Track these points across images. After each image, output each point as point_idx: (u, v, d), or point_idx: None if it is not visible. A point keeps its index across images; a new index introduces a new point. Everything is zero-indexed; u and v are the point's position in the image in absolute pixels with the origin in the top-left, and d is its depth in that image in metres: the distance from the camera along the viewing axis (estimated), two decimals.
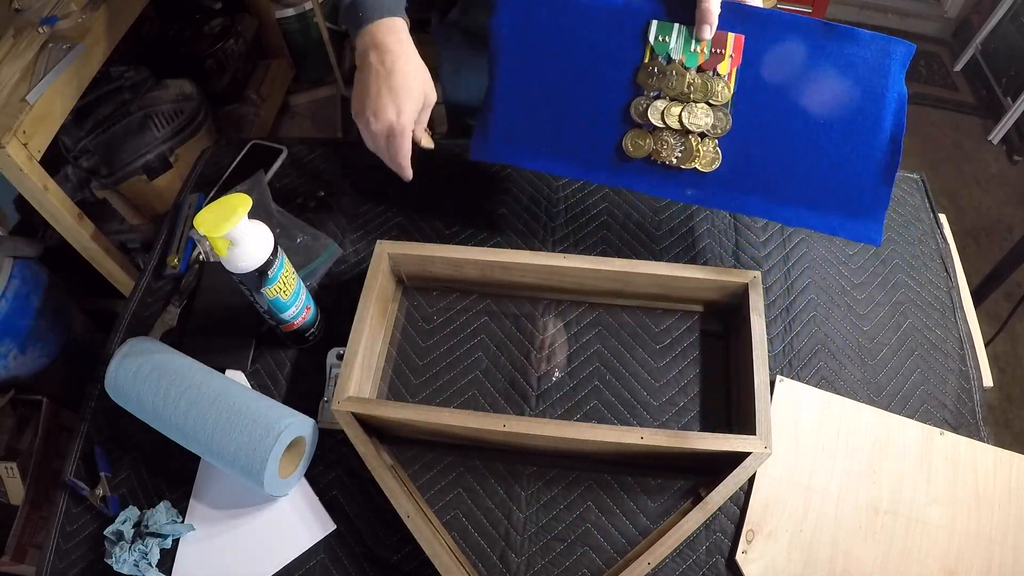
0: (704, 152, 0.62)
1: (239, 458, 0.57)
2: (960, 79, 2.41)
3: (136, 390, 0.62)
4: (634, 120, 0.63)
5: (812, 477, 0.62)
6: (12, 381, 1.22)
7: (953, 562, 0.58)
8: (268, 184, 0.83)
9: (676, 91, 0.62)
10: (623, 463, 0.63)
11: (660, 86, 0.62)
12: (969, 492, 0.61)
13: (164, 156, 1.50)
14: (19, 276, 1.20)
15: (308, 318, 0.68)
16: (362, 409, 0.59)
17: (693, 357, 0.70)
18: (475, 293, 0.74)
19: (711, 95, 0.62)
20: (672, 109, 0.62)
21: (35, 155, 1.11)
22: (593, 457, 0.63)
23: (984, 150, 2.18)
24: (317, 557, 0.59)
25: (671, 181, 0.65)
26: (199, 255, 0.79)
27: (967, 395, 0.68)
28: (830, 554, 0.58)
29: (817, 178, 0.63)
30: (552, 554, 0.59)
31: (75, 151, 1.40)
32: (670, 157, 0.63)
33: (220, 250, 0.57)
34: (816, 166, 0.63)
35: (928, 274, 0.76)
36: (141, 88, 1.47)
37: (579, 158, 0.66)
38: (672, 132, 0.63)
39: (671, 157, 0.63)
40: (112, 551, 0.58)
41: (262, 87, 1.98)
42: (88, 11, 1.23)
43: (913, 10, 2.56)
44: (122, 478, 0.64)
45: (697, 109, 0.62)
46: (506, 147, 0.68)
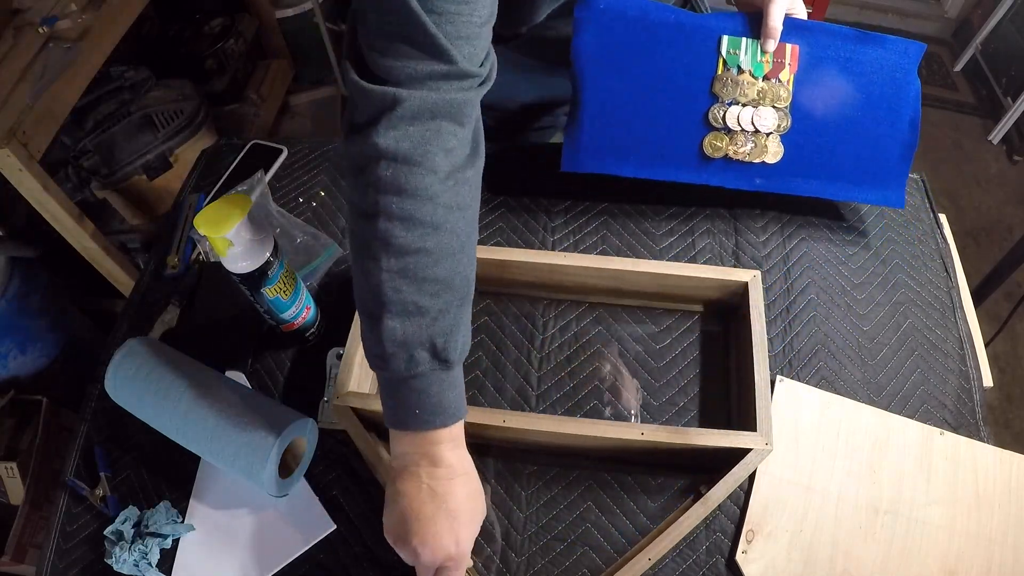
0: (771, 147, 0.72)
1: (239, 458, 0.57)
2: (960, 79, 2.41)
3: (136, 390, 0.61)
4: (712, 125, 0.71)
5: (812, 477, 0.62)
6: (12, 381, 1.22)
7: (953, 562, 0.58)
8: (268, 184, 0.83)
9: (748, 98, 0.70)
10: (623, 461, 0.63)
11: (734, 94, 0.70)
12: (969, 492, 0.61)
13: (164, 156, 1.50)
14: (19, 276, 1.20)
15: (308, 318, 0.68)
16: (362, 404, 0.59)
17: (693, 357, 0.70)
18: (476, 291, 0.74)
19: (776, 100, 0.70)
20: (744, 113, 0.70)
21: (35, 155, 1.11)
22: (594, 455, 0.63)
23: (984, 150, 2.18)
24: (317, 557, 0.59)
25: (744, 174, 0.74)
26: (199, 255, 0.79)
27: (967, 395, 0.68)
28: (830, 554, 0.58)
29: (855, 159, 0.74)
30: (552, 554, 0.59)
31: (75, 151, 1.40)
32: (743, 155, 0.72)
33: (220, 250, 0.57)
34: (855, 149, 0.73)
35: (928, 274, 0.76)
36: (141, 88, 1.47)
37: (664, 161, 0.74)
38: (744, 133, 0.71)
39: (744, 154, 0.72)
40: (112, 551, 0.58)
41: (262, 87, 1.98)
42: (88, 11, 1.23)
43: (913, 10, 2.56)
44: (122, 478, 0.64)
45: (765, 112, 0.70)
46: (596, 157, 0.74)
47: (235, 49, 1.84)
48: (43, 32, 1.18)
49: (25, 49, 1.16)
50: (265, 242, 0.59)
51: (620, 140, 0.73)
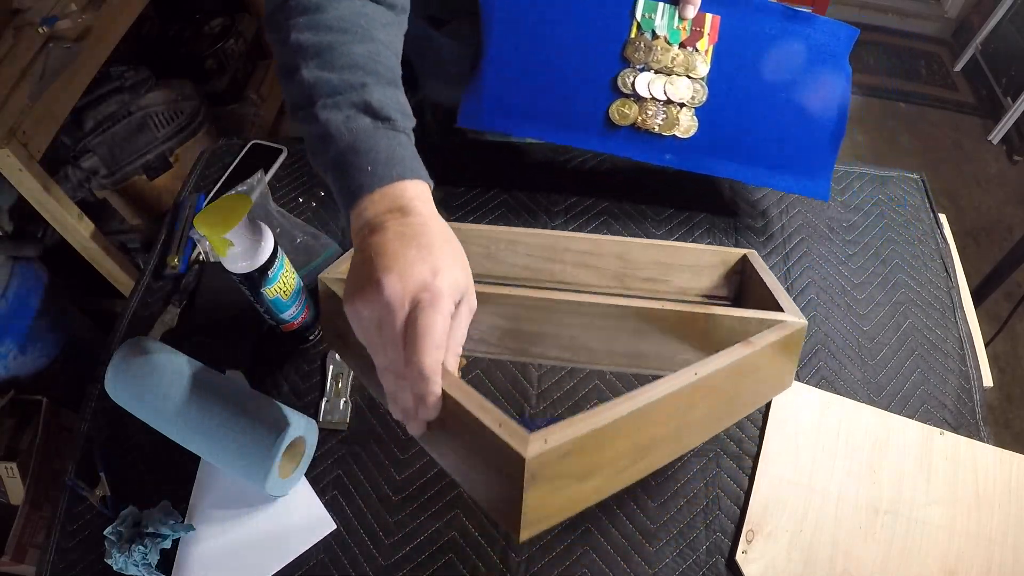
0: (683, 120, 0.68)
1: (239, 458, 0.57)
2: (960, 79, 2.41)
3: (136, 390, 0.61)
4: (621, 91, 0.68)
5: (812, 477, 0.62)
6: (12, 381, 1.22)
7: (953, 562, 0.58)
8: (268, 184, 0.83)
9: (661, 64, 0.67)
10: None
11: (646, 60, 0.67)
12: (969, 492, 0.61)
13: (164, 156, 1.50)
14: (19, 276, 1.20)
15: (308, 318, 0.68)
16: None
17: None
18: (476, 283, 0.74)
19: (691, 69, 0.67)
20: (656, 81, 0.67)
21: (35, 155, 1.11)
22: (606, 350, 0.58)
23: (984, 150, 2.19)
24: (317, 557, 0.59)
25: (653, 147, 0.70)
26: (199, 255, 0.79)
27: (967, 395, 0.68)
28: (830, 554, 0.58)
29: (777, 143, 0.71)
30: (552, 554, 0.59)
31: (75, 151, 1.40)
32: (653, 125, 0.68)
33: (220, 250, 0.57)
34: (777, 132, 0.70)
35: (928, 274, 0.76)
36: (141, 88, 1.47)
37: (568, 126, 0.70)
38: (655, 102, 0.68)
39: (654, 125, 0.68)
40: (112, 551, 0.58)
41: (262, 87, 1.98)
42: (88, 11, 1.23)
43: (913, 10, 2.56)
44: (122, 478, 0.64)
45: (679, 81, 0.67)
46: (497, 115, 0.70)
47: (235, 49, 1.83)
48: (43, 32, 1.18)
49: (25, 49, 1.16)
50: (265, 242, 0.59)
51: (523, 99, 0.69)
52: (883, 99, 2.36)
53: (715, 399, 0.49)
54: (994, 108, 2.25)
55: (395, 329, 0.39)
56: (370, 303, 0.40)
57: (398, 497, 0.62)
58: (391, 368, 0.40)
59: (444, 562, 0.59)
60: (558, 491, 0.38)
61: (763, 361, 0.52)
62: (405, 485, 0.63)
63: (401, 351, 0.39)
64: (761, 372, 0.53)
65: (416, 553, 0.59)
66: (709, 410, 0.49)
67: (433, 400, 0.39)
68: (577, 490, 0.40)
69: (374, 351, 0.41)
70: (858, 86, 2.38)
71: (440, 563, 0.59)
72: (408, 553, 0.59)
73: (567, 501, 0.39)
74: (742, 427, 0.65)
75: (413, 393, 0.39)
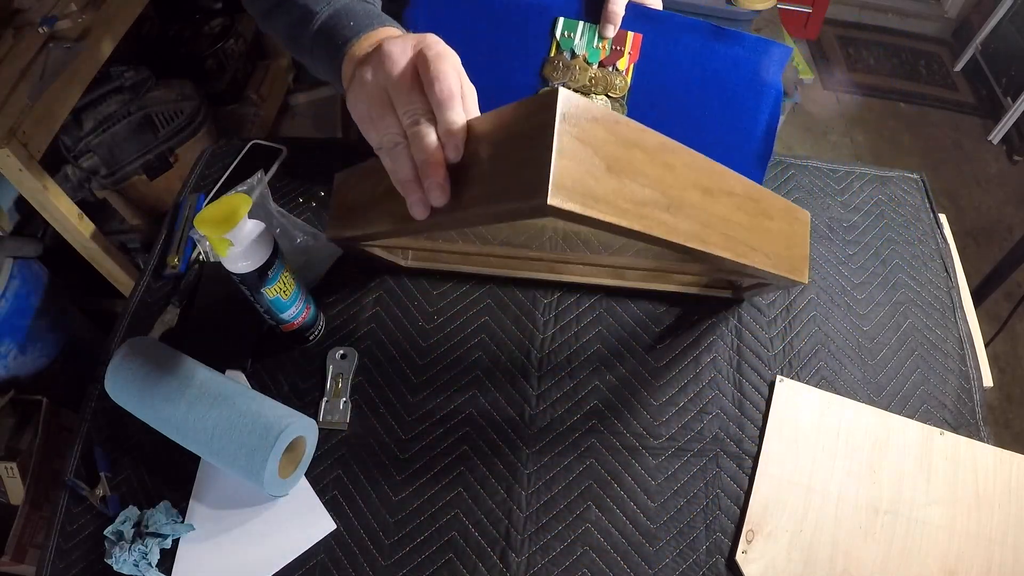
0: None
1: (239, 458, 0.57)
2: (960, 79, 2.42)
3: (136, 390, 0.61)
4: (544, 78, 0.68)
5: (812, 477, 0.62)
6: (12, 381, 1.22)
7: (953, 562, 0.58)
8: (268, 184, 0.83)
9: (579, 84, 0.67)
10: None
11: (564, 79, 0.67)
12: (969, 492, 0.61)
13: (164, 156, 1.50)
14: (19, 276, 1.20)
15: (308, 318, 0.68)
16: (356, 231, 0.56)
17: (693, 357, 0.70)
18: (476, 279, 0.74)
19: (610, 88, 0.67)
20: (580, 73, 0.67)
21: (35, 155, 1.11)
22: None
23: (984, 150, 2.19)
24: (317, 557, 0.59)
25: None
26: (199, 255, 0.79)
27: (967, 395, 0.68)
28: (830, 554, 0.58)
29: None
30: (552, 554, 0.59)
31: (75, 151, 1.40)
32: None
33: (220, 250, 0.57)
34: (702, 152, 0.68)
35: (928, 274, 0.76)
36: (141, 88, 1.47)
37: None
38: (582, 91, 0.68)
39: None
40: (112, 551, 0.58)
41: (262, 87, 1.98)
42: (88, 11, 1.23)
43: (913, 10, 2.57)
44: (122, 478, 0.64)
45: (597, 100, 0.67)
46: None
47: (235, 49, 1.83)
48: (43, 32, 1.17)
49: (25, 49, 1.16)
50: (265, 242, 0.59)
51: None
52: (883, 99, 2.36)
53: (735, 209, 0.49)
54: (994, 108, 2.25)
55: (404, 74, 0.41)
56: (372, 65, 0.41)
57: (398, 497, 0.62)
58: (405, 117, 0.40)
59: (444, 562, 0.59)
60: (587, 170, 0.39)
61: (775, 213, 0.53)
62: (405, 485, 0.63)
63: (414, 92, 0.40)
64: (774, 225, 0.53)
65: (416, 553, 0.59)
66: (729, 217, 0.49)
67: (459, 128, 0.40)
68: (604, 184, 0.40)
69: (381, 118, 0.42)
70: (858, 86, 2.38)
71: (440, 563, 0.59)
72: (408, 553, 0.59)
73: (593, 189, 0.39)
74: (742, 427, 0.65)
75: (439, 131, 0.40)
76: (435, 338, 0.71)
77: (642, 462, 0.63)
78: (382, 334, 0.72)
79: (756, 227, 0.51)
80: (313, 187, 0.85)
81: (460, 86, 0.41)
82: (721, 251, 0.47)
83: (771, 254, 0.52)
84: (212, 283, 0.76)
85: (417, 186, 0.41)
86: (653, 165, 0.43)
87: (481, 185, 0.41)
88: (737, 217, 0.49)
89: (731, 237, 0.49)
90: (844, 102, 2.34)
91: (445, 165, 0.41)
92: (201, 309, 0.74)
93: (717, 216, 0.48)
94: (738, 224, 0.49)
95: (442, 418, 0.66)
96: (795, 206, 0.56)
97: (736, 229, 0.49)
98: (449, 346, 0.71)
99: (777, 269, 0.52)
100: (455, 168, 0.42)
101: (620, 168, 0.41)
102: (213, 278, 0.76)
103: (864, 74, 2.43)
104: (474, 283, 0.75)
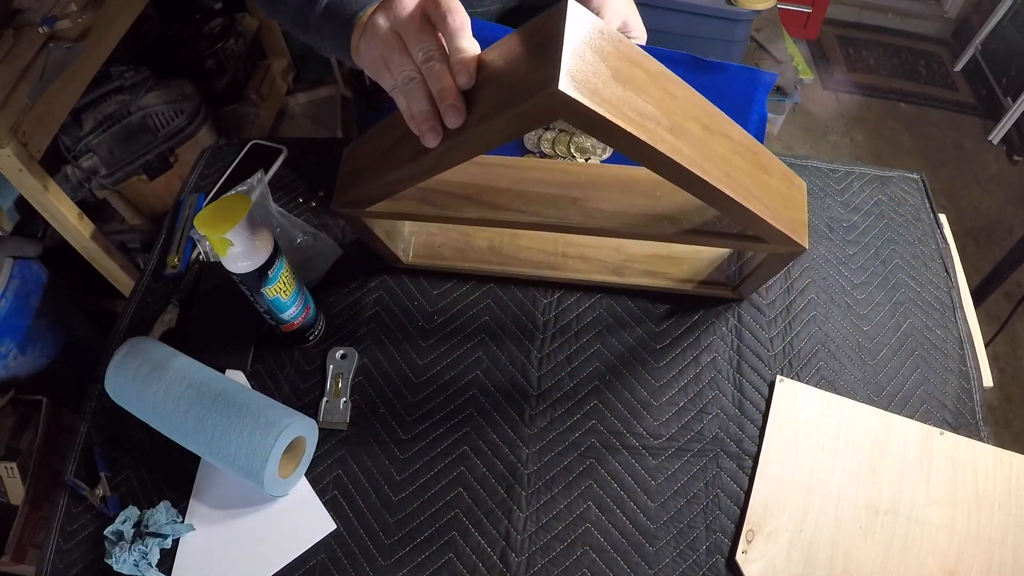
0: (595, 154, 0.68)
1: (239, 458, 0.57)
2: (960, 79, 2.42)
3: (136, 390, 0.62)
4: (527, 148, 0.68)
5: (812, 477, 0.62)
6: (12, 381, 1.22)
7: (953, 562, 0.58)
8: (268, 184, 0.83)
9: (563, 124, 0.66)
10: None
11: None
12: (969, 492, 0.61)
13: (164, 156, 1.50)
14: (19, 276, 1.20)
15: (308, 318, 0.68)
16: None
17: (693, 357, 0.70)
18: (476, 279, 0.74)
19: None
20: (561, 138, 0.66)
21: (35, 155, 1.11)
22: None
23: (984, 150, 2.19)
24: (317, 557, 0.60)
25: None
26: (199, 255, 0.79)
27: (967, 395, 0.68)
28: (830, 554, 0.58)
29: None
30: (552, 554, 0.59)
31: (75, 151, 1.40)
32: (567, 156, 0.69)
33: (220, 250, 0.57)
34: None
35: (928, 274, 0.76)
36: (141, 88, 1.47)
37: None
38: (561, 158, 0.68)
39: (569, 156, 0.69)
40: (112, 551, 0.58)
41: (262, 87, 1.98)
42: (88, 11, 1.23)
43: (913, 10, 2.57)
44: (122, 478, 0.64)
45: (582, 137, 0.66)
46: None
47: (235, 49, 1.83)
48: (43, 32, 1.18)
49: (25, 49, 1.16)
50: (265, 242, 0.59)
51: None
52: (883, 99, 2.36)
53: (733, 153, 0.50)
54: (994, 108, 2.25)
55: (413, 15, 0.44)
56: (383, 11, 0.45)
57: (398, 497, 0.62)
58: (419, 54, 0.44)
59: (444, 562, 0.59)
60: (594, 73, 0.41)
61: (773, 171, 0.53)
62: (405, 485, 0.63)
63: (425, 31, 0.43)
64: (772, 182, 0.52)
65: (416, 553, 0.59)
66: (728, 159, 0.49)
67: (471, 56, 0.43)
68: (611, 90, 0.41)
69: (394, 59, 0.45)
70: (858, 86, 2.38)
71: (440, 563, 0.59)
72: (408, 553, 0.59)
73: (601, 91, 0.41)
74: (742, 427, 0.65)
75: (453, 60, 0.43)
76: (435, 338, 0.71)
77: (642, 462, 0.63)
78: (382, 334, 0.72)
79: (755, 177, 0.51)
80: (313, 187, 0.85)
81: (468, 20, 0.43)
82: (722, 186, 0.47)
83: (770, 207, 0.51)
84: (212, 283, 0.76)
85: (430, 114, 0.44)
86: (655, 87, 0.45)
87: (491, 101, 0.43)
88: (736, 161, 0.50)
89: (731, 177, 0.48)
90: (844, 102, 2.34)
91: (459, 90, 0.43)
92: (201, 309, 0.74)
93: (717, 154, 0.48)
94: (737, 168, 0.49)
95: (442, 418, 0.66)
96: (793, 172, 0.56)
97: (736, 172, 0.49)
98: (449, 346, 0.71)
99: (777, 223, 0.52)
100: (466, 95, 0.44)
101: (624, 80, 0.42)
102: (213, 278, 0.76)
103: (864, 74, 2.43)
104: (474, 283, 0.75)
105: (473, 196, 0.57)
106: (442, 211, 0.57)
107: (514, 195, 0.57)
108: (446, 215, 0.57)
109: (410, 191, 0.56)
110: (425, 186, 0.57)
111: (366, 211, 0.59)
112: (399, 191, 0.54)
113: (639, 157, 0.45)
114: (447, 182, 0.57)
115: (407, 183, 0.53)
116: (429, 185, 0.57)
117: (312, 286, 0.75)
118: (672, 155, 0.44)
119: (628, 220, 0.55)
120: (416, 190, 0.57)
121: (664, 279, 0.72)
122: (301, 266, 0.75)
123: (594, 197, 0.56)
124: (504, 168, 0.58)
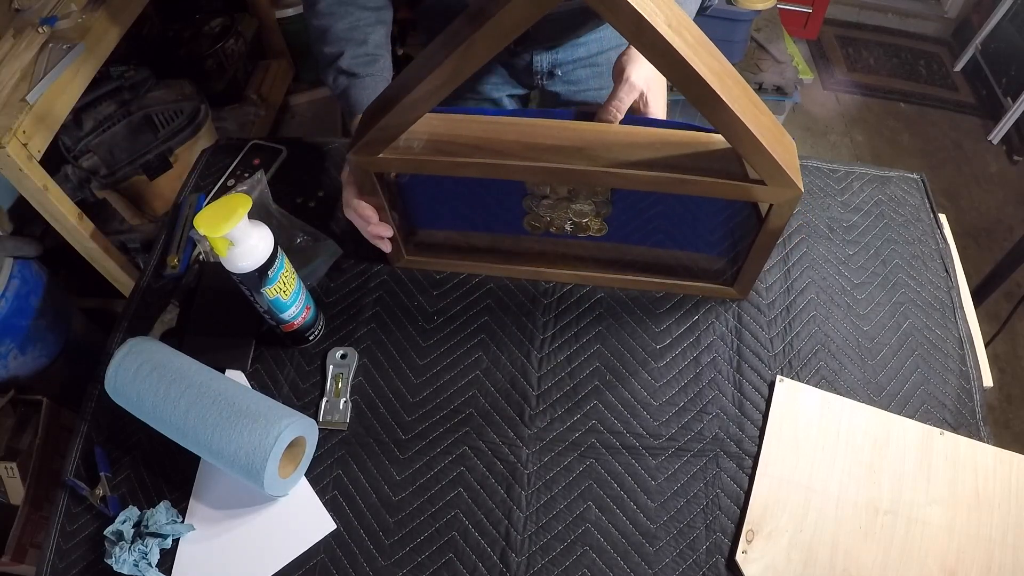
0: (592, 225, 0.70)
1: (239, 458, 0.57)
2: (960, 79, 2.41)
3: (136, 390, 0.62)
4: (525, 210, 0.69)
5: (812, 477, 0.62)
6: (12, 381, 1.22)
7: (953, 562, 0.58)
8: (268, 184, 0.83)
9: (559, 195, 0.67)
10: None
11: (544, 190, 0.67)
12: (969, 492, 0.61)
13: (164, 156, 1.50)
14: (19, 276, 1.20)
15: (308, 318, 0.68)
16: None
17: (693, 357, 0.70)
18: (476, 279, 0.74)
19: (592, 195, 0.67)
20: (560, 205, 0.68)
21: (35, 155, 1.11)
22: None
23: (984, 150, 2.19)
24: (317, 557, 0.59)
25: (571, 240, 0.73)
26: (199, 255, 0.79)
27: (967, 395, 0.68)
28: (830, 554, 0.58)
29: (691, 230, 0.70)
30: (552, 554, 0.59)
31: (75, 151, 1.40)
32: (564, 230, 0.71)
33: (220, 250, 0.57)
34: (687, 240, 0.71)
35: (928, 274, 0.76)
36: (141, 88, 1.47)
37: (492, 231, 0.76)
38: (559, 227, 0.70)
39: (565, 230, 0.71)
40: (112, 551, 0.58)
41: (262, 87, 1.98)
42: (88, 11, 1.23)
43: (913, 10, 2.56)
44: (122, 478, 0.64)
45: (580, 201, 0.67)
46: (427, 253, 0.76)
47: (235, 49, 1.83)
48: (43, 32, 1.17)
49: (25, 49, 1.16)
50: (265, 242, 0.59)
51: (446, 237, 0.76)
52: (883, 99, 2.36)
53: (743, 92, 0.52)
54: (994, 108, 2.24)
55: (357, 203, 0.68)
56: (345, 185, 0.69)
57: (398, 497, 0.62)
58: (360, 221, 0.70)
59: (444, 562, 0.59)
60: None
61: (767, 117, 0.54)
62: (405, 485, 0.63)
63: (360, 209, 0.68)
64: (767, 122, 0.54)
65: (416, 553, 0.59)
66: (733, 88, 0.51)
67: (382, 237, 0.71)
68: None
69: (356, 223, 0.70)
70: (858, 86, 2.38)
71: (440, 563, 0.59)
72: (408, 553, 0.59)
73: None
74: (742, 427, 0.65)
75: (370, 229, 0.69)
76: (435, 338, 0.71)
77: (642, 462, 0.63)
78: (382, 334, 0.72)
79: (756, 114, 0.53)
80: (313, 187, 0.85)
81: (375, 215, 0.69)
82: (734, 107, 0.50)
83: (770, 144, 0.53)
84: (212, 283, 0.76)
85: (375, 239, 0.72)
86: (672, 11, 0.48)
87: None
88: (738, 92, 0.52)
89: (738, 101, 0.51)
90: (844, 102, 2.34)
91: (386, 238, 0.71)
92: (201, 309, 0.74)
93: (727, 77, 0.51)
94: (740, 97, 0.51)
95: (442, 418, 0.66)
96: (783, 128, 0.57)
97: (743, 103, 0.51)
98: (449, 346, 0.71)
99: (777, 157, 0.53)
100: None
101: None
102: (213, 278, 0.76)
103: (864, 74, 2.43)
104: (474, 283, 0.75)
105: (483, 146, 0.59)
106: (453, 158, 0.59)
107: (522, 146, 0.59)
108: (456, 162, 0.59)
109: (422, 144, 0.59)
110: (437, 137, 0.59)
111: (380, 157, 0.60)
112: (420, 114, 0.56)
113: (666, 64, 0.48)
114: (458, 135, 0.60)
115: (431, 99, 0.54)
116: (441, 136, 0.59)
117: (312, 286, 0.75)
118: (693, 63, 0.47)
119: (631, 166, 0.57)
120: (428, 141, 0.59)
121: (666, 276, 0.72)
122: (301, 266, 0.75)
123: (599, 148, 0.58)
124: (512, 125, 0.60)
